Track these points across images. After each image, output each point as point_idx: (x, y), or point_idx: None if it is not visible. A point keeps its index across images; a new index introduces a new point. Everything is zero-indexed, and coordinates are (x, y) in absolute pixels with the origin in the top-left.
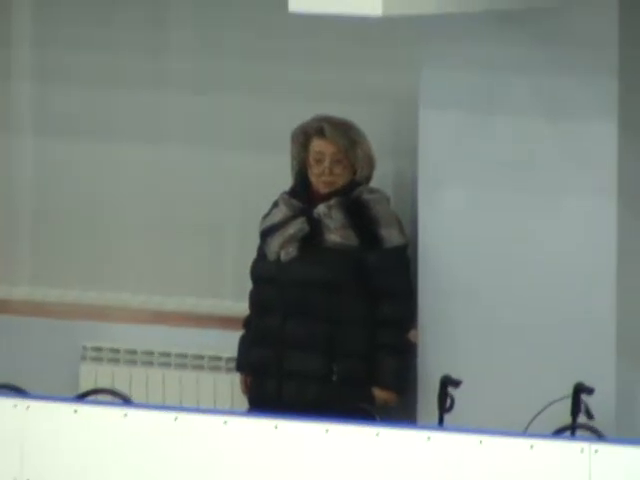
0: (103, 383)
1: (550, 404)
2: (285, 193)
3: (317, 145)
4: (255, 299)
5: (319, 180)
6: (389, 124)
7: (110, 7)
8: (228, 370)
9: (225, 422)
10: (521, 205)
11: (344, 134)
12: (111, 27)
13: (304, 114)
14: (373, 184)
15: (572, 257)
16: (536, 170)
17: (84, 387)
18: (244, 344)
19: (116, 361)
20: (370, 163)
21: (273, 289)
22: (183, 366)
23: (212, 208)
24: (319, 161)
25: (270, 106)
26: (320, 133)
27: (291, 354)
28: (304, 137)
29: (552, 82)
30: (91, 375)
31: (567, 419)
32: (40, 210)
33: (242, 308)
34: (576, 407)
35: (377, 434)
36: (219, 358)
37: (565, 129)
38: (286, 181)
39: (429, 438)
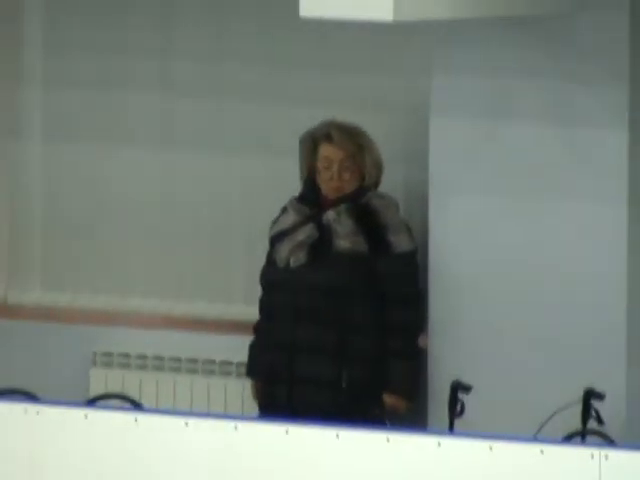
0: (114, 388)
1: (560, 410)
2: (294, 199)
3: (325, 150)
4: (265, 305)
5: (328, 186)
6: (400, 130)
7: (119, 12)
8: (239, 375)
9: (236, 427)
10: (531, 212)
11: (352, 139)
12: (119, 32)
13: (315, 120)
14: (383, 190)
15: (582, 263)
16: (546, 177)
17: (94, 392)
18: (254, 350)
19: (127, 366)
20: (378, 168)
21: (283, 295)
22: (194, 371)
23: (221, 213)
24: (327, 167)
25: (280, 111)
26: (328, 138)
27: (301, 360)
28: (312, 142)
29: (563, 89)
30: (101, 380)
31: (577, 425)
32: (50, 215)
33: (252, 313)
34: (586, 413)
35: (387, 439)
36: (230, 363)
37: (576, 136)
38: (295, 186)
39: (439, 444)
